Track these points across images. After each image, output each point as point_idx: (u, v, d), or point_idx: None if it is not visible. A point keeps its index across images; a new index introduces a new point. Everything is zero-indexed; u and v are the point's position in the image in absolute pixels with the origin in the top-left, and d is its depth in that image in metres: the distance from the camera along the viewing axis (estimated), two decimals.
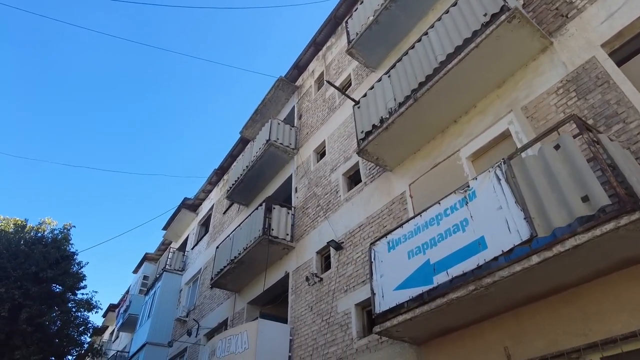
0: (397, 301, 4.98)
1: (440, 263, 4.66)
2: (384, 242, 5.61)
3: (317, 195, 9.67)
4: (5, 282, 11.83)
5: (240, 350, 7.98)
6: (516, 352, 4.50)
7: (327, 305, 7.76)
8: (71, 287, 14.01)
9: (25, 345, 11.48)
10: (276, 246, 9.71)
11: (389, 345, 6.08)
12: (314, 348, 7.59)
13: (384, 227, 7.10)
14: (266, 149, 11.40)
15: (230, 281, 11.19)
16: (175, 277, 17.23)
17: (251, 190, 12.98)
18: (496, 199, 4.37)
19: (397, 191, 7.22)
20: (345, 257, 7.79)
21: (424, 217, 5.16)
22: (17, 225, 14.36)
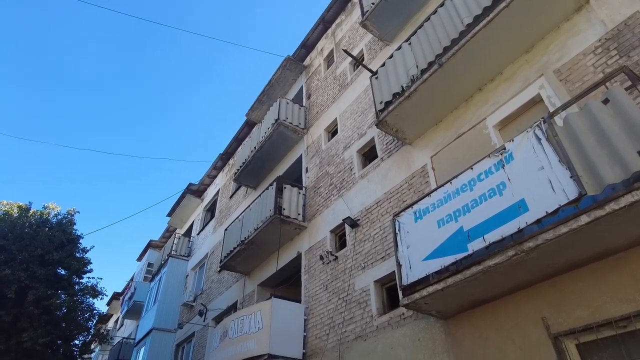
0: (426, 271, 4.75)
1: (475, 229, 4.41)
2: (409, 212, 5.36)
3: (329, 174, 9.41)
4: (11, 264, 11.63)
5: (254, 330, 7.78)
6: (555, 322, 4.26)
7: (343, 283, 7.54)
8: (77, 271, 13.81)
9: (33, 328, 11.30)
10: (288, 226, 9.47)
11: (413, 322, 5.86)
12: (330, 327, 7.39)
13: (404, 201, 6.85)
14: (275, 128, 11.11)
15: (240, 263, 10.98)
16: (181, 262, 17.04)
17: (259, 172, 12.71)
18: (537, 160, 4.11)
19: (418, 164, 6.95)
20: (362, 234, 7.55)
21: (455, 184, 4.90)
22: (21, 209, 14.13)
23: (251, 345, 7.65)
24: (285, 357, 7.44)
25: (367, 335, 6.55)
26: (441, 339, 5.37)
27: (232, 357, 8.00)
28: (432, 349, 5.43)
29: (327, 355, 7.16)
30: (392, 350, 5.97)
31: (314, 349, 7.58)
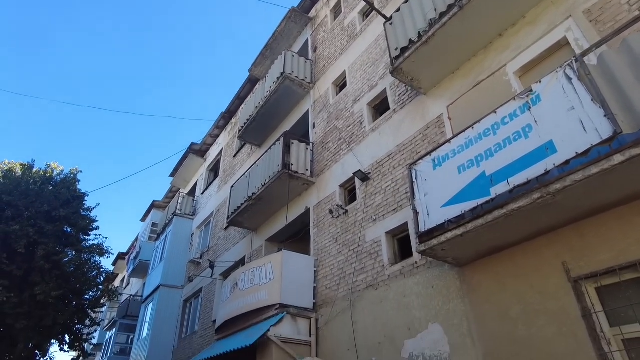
0: (446, 217, 4.69)
1: (499, 173, 4.31)
2: (427, 160, 5.25)
3: (338, 129, 9.23)
4: (18, 219, 11.63)
5: (265, 281, 7.86)
6: (576, 266, 4.25)
7: (353, 235, 7.55)
8: (84, 229, 13.87)
9: (45, 282, 11.47)
10: (296, 182, 9.39)
11: (426, 270, 5.89)
12: (341, 277, 7.46)
13: (418, 153, 6.73)
14: (281, 82, 10.80)
15: (247, 219, 10.99)
16: (186, 221, 17.13)
17: (264, 129, 12.50)
18: (567, 100, 3.95)
19: (433, 115, 6.77)
20: (373, 187, 7.47)
21: (477, 129, 4.76)
22: (24, 167, 13.99)
23: (262, 296, 7.75)
24: (296, 306, 7.56)
25: (378, 285, 6.61)
26: (456, 286, 5.41)
27: (243, 307, 8.14)
28: (447, 296, 5.48)
29: (337, 304, 7.27)
30: (405, 298, 6.03)
31: (324, 299, 7.69)
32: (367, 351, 6.35)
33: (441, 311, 5.49)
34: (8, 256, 11.59)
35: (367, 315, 6.57)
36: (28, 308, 11.28)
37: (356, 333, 6.64)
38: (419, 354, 5.56)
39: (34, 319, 11.42)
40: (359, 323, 6.67)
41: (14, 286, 11.32)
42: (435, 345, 5.39)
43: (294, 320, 7.44)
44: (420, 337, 5.63)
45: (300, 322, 7.51)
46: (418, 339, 5.65)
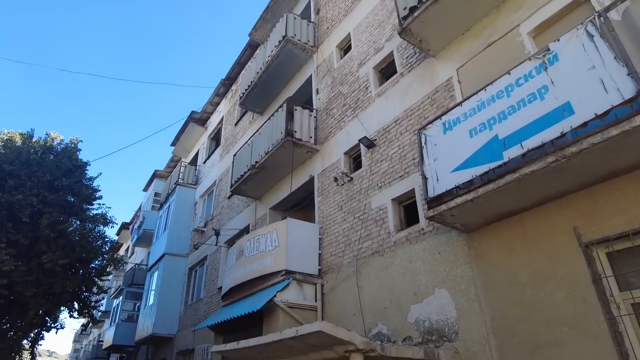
0: (456, 182, 4.60)
1: (512, 137, 4.19)
2: (437, 124, 5.10)
3: (342, 94, 9.00)
4: (21, 189, 11.62)
5: (271, 248, 7.88)
6: (588, 231, 4.19)
7: (358, 203, 7.49)
8: (87, 198, 13.88)
9: (51, 251, 11.58)
10: (300, 149, 9.26)
11: (433, 236, 5.86)
12: (346, 244, 7.47)
13: (426, 118, 6.56)
14: (283, 46, 10.47)
15: (251, 188, 10.93)
16: (188, 190, 17.12)
17: (266, 96, 12.24)
18: (587, 59, 3.77)
19: (442, 78, 6.56)
20: (379, 154, 7.35)
21: (490, 91, 4.60)
22: (23, 137, 13.85)
23: (268, 263, 7.79)
24: (301, 273, 7.61)
25: (384, 251, 6.61)
26: (463, 252, 5.38)
27: (249, 274, 8.20)
28: (454, 262, 5.46)
29: (343, 270, 7.31)
30: (411, 264, 6.03)
31: (329, 265, 7.73)
32: (373, 316, 6.42)
33: (448, 277, 5.49)
34: (13, 225, 11.65)
35: (373, 281, 6.61)
36: (36, 276, 11.44)
37: (362, 298, 6.69)
38: (425, 318, 5.61)
39: (42, 287, 11.61)
40: (365, 288, 6.72)
41: (22, 255, 11.44)
42: (441, 310, 5.42)
43: (300, 286, 7.51)
44: (426, 302, 5.67)
45: (305, 287, 7.58)
46: (424, 304, 5.68)
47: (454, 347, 5.10)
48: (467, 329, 5.05)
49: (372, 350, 4.17)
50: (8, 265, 10.56)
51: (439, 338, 5.34)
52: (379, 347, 4.24)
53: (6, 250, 10.94)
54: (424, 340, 5.51)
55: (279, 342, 4.47)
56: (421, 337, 5.57)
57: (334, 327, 3.92)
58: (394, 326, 6.03)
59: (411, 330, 5.74)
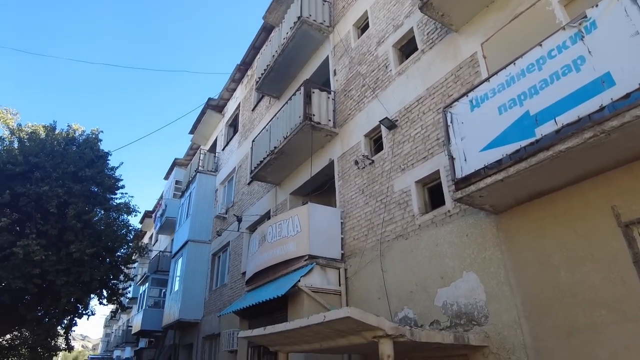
0: (485, 162, 4.41)
1: (545, 112, 3.97)
2: (464, 101, 4.89)
3: (361, 74, 8.78)
4: (47, 180, 11.88)
5: (293, 233, 7.85)
6: (628, 210, 3.97)
7: (381, 186, 7.35)
8: (110, 188, 14.13)
9: (78, 240, 11.89)
10: (318, 133, 9.12)
11: (460, 218, 5.69)
12: (369, 228, 7.36)
13: (449, 96, 6.32)
14: (298, 27, 10.24)
15: (270, 173, 10.89)
16: (209, 177, 17.24)
17: (282, 80, 12.08)
18: (629, 24, 3.50)
19: (465, 54, 6.28)
20: (401, 135, 7.16)
21: (520, 65, 4.35)
22: (46, 129, 14.11)
23: (291, 248, 7.78)
24: (324, 257, 7.57)
25: (408, 234, 6.48)
26: (492, 234, 5.22)
27: (272, 259, 8.22)
28: (482, 244, 5.31)
29: (366, 254, 7.23)
30: (437, 247, 5.90)
31: (352, 250, 7.66)
32: (399, 300, 6.35)
33: (476, 259, 5.34)
34: (42, 216, 11.97)
35: (398, 265, 6.51)
36: (66, 265, 11.77)
37: (386, 282, 6.61)
38: (453, 302, 5.50)
39: (72, 275, 11.96)
40: (389, 272, 6.63)
41: (51, 245, 11.76)
42: (470, 293, 5.30)
43: (323, 270, 7.48)
44: (454, 285, 5.54)
45: (329, 272, 7.54)
46: (452, 288, 5.56)
47: (483, 331, 4.99)
48: (497, 312, 4.92)
49: (402, 335, 4.09)
50: (39, 255, 10.89)
51: (467, 322, 5.23)
52: (408, 332, 4.16)
53: (37, 240, 11.27)
54: (452, 324, 5.41)
55: (306, 327, 4.44)
56: (449, 321, 5.47)
57: (362, 313, 3.85)
58: (421, 310, 5.94)
59: (439, 314, 5.65)
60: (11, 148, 12.92)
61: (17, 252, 10.77)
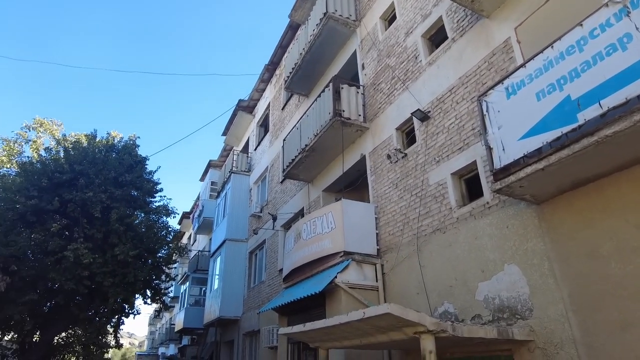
0: (524, 151, 4.25)
1: (588, 96, 3.77)
2: (499, 89, 4.73)
3: (390, 67, 8.66)
4: (91, 187, 12.49)
5: (327, 230, 7.87)
6: None
7: (415, 179, 7.24)
8: (149, 192, 14.66)
9: (122, 243, 12.45)
10: (349, 128, 9.07)
11: (499, 209, 5.52)
12: (404, 223, 7.27)
13: (483, 84, 6.13)
14: (324, 23, 10.21)
15: (302, 171, 10.95)
16: (243, 177, 17.55)
17: (311, 77, 12.10)
18: None
19: (498, 40, 6.07)
20: (434, 126, 7.01)
21: (558, 48, 4.16)
22: (88, 138, 14.82)
23: (326, 244, 7.80)
24: (360, 253, 7.54)
25: (446, 228, 6.35)
26: (534, 225, 5.03)
27: (308, 256, 8.27)
28: (524, 236, 5.13)
29: (403, 249, 7.15)
30: (477, 240, 5.75)
31: (388, 245, 7.59)
32: (438, 295, 6.24)
33: (518, 251, 5.17)
34: (88, 221, 12.59)
35: (436, 259, 6.40)
36: (111, 267, 12.36)
37: (425, 277, 6.52)
38: (494, 295, 5.35)
39: (118, 277, 12.54)
40: (427, 267, 6.53)
41: (97, 248, 12.37)
42: (512, 286, 5.14)
43: (359, 266, 7.46)
44: (495, 278, 5.39)
45: (365, 268, 7.51)
46: (493, 281, 5.41)
47: (528, 325, 4.83)
48: (542, 305, 4.74)
49: (443, 330, 4.02)
50: (87, 258, 11.48)
51: (511, 316, 5.08)
52: (450, 328, 4.08)
53: (84, 244, 11.87)
54: (495, 319, 5.27)
55: (345, 324, 4.44)
56: (491, 315, 5.33)
57: (402, 309, 3.81)
58: (461, 305, 5.82)
59: (480, 309, 5.51)
60: (58, 157, 13.66)
61: (68, 256, 11.41)
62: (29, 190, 12.15)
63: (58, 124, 16.97)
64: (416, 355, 5.74)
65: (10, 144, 15.77)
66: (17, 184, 12.54)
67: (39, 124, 16.47)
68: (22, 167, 13.33)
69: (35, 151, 15.46)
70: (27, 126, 16.32)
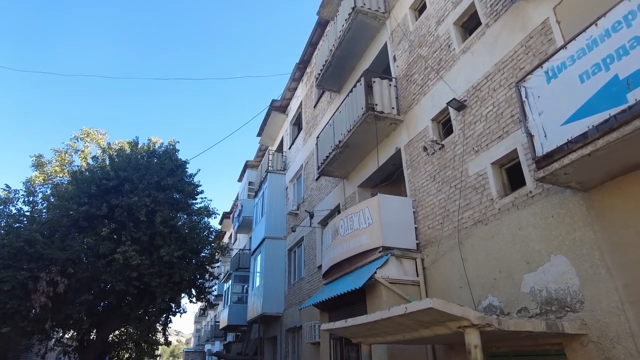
0: (568, 136, 4.06)
1: (638, 74, 3.55)
2: (539, 73, 4.53)
3: (422, 57, 8.49)
4: (135, 192, 13.08)
5: (365, 225, 7.85)
6: None
7: (453, 171, 7.08)
8: (190, 194, 15.17)
9: (167, 245, 12.98)
10: (382, 122, 8.98)
11: (544, 198, 5.31)
12: (444, 216, 7.13)
13: (522, 69, 5.90)
14: (353, 18, 10.15)
15: (337, 168, 10.96)
16: (279, 176, 17.78)
17: (341, 73, 12.06)
18: None
19: (536, 21, 5.81)
20: (472, 115, 6.83)
21: (603, 25, 3.94)
22: (131, 145, 15.52)
23: (364, 240, 7.78)
24: (399, 248, 7.47)
25: (487, 220, 6.18)
26: (581, 213, 4.80)
27: (346, 252, 8.29)
28: (571, 225, 4.91)
29: (443, 243, 7.02)
30: (521, 231, 5.56)
31: (427, 239, 7.48)
32: (481, 288, 6.09)
33: (565, 241, 4.96)
34: (134, 225, 13.19)
35: (478, 252, 6.24)
36: (158, 268, 12.92)
37: (467, 270, 6.37)
38: (541, 287, 5.16)
39: (164, 277, 13.09)
40: (470, 260, 6.38)
41: (144, 250, 12.96)
42: (560, 278, 4.93)
43: (399, 261, 7.39)
44: (541, 270, 5.20)
45: (405, 262, 7.44)
46: (539, 272, 5.22)
47: (580, 317, 4.62)
48: (594, 297, 4.53)
49: (488, 324, 3.92)
50: (136, 260, 12.06)
51: (560, 308, 4.88)
52: (495, 322, 3.98)
53: (132, 247, 12.45)
54: (543, 311, 5.08)
55: (387, 319, 4.42)
56: (538, 308, 5.15)
57: (445, 303, 3.75)
58: (506, 297, 5.65)
59: (526, 301, 5.33)
60: (104, 165, 14.39)
61: (118, 258, 12.03)
62: (80, 198, 12.90)
63: (102, 133, 17.86)
64: (460, 349, 5.64)
65: (62, 155, 16.79)
66: (69, 192, 13.33)
67: (86, 134, 17.41)
68: (73, 176, 14.18)
69: (83, 160, 16.38)
70: (75, 137, 17.32)
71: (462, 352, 5.04)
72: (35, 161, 16.28)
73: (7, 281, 10.84)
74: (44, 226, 12.68)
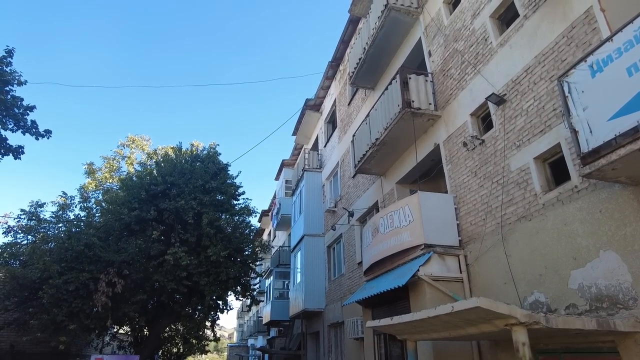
0: (616, 132, 4.00)
1: None
2: (582, 67, 4.46)
3: (458, 51, 8.41)
4: (182, 195, 13.72)
5: (405, 223, 7.91)
6: None
7: (495, 166, 7.01)
8: (233, 195, 15.71)
9: (213, 245, 13.56)
10: (420, 118, 8.97)
11: (590, 193, 5.20)
12: (486, 212, 7.09)
13: (563, 61, 5.77)
14: (386, 15, 10.15)
15: (374, 165, 11.03)
16: (315, 174, 18.03)
17: (376, 70, 12.09)
18: None
19: (578, 10, 5.66)
20: (512, 109, 6.73)
21: None
22: (175, 150, 16.24)
23: (405, 237, 7.85)
24: (441, 245, 7.49)
25: (531, 215, 6.11)
26: (632, 208, 4.68)
27: (387, 250, 8.39)
28: (620, 220, 4.79)
29: (486, 239, 6.99)
30: (567, 227, 5.47)
31: (470, 235, 7.46)
32: (527, 284, 6.04)
33: (614, 237, 4.85)
34: (182, 227, 13.85)
35: (522, 248, 6.18)
36: (206, 267, 13.53)
37: (512, 266, 6.33)
38: (590, 284, 5.07)
39: (212, 276, 13.71)
40: (514, 256, 6.33)
41: (192, 250, 13.60)
42: (610, 274, 4.83)
43: (442, 258, 7.42)
44: (590, 266, 5.11)
45: (448, 260, 7.45)
46: (588, 269, 5.13)
47: (633, 315, 4.53)
48: None
49: (536, 322, 3.94)
50: (185, 260, 12.71)
51: (611, 305, 4.79)
52: (543, 319, 3.99)
53: (181, 248, 13.10)
54: (593, 308, 5.00)
55: (434, 317, 4.52)
56: (588, 305, 5.07)
57: (492, 302, 3.80)
58: (553, 294, 5.59)
59: (574, 298, 5.26)
60: (151, 170, 15.15)
61: (168, 259, 12.72)
62: (131, 203, 13.69)
63: (146, 139, 18.78)
64: (506, 345, 5.63)
65: (110, 161, 17.83)
66: (120, 198, 14.17)
67: (131, 141, 18.39)
68: (123, 182, 15.06)
69: (130, 165, 17.32)
70: (122, 144, 18.32)
71: (508, 348, 5.05)
72: (87, 168, 17.38)
73: (71, 282, 11.72)
74: (100, 230, 13.55)
